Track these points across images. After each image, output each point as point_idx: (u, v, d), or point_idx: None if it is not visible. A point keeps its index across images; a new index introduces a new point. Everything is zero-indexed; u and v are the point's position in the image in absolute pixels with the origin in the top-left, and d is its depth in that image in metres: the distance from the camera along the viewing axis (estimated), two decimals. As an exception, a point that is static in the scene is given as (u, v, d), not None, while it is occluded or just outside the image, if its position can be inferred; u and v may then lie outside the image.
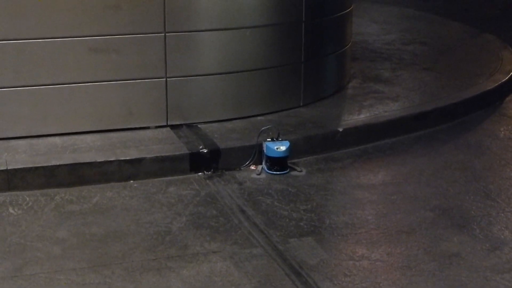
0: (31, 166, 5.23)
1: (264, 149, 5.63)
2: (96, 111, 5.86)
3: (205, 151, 5.58)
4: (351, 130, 6.14)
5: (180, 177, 5.47)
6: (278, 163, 5.59)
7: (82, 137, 5.76)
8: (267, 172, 5.59)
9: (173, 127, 6.02)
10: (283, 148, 5.59)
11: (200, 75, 6.08)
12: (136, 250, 4.44)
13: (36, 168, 5.24)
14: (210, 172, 5.55)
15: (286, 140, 5.67)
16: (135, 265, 4.28)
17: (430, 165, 5.82)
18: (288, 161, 5.65)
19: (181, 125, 6.06)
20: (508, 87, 7.66)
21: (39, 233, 4.63)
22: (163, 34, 5.86)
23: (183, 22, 5.91)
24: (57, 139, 5.72)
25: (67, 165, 5.30)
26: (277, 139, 5.69)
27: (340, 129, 6.11)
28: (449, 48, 8.92)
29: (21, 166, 5.23)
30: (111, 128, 5.90)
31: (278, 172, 5.58)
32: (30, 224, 4.74)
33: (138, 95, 5.93)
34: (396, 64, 8.08)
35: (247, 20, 6.14)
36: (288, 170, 5.62)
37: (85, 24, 5.67)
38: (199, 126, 6.06)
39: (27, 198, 5.10)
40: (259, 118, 6.26)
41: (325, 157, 5.92)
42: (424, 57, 8.43)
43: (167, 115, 6.03)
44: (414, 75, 7.70)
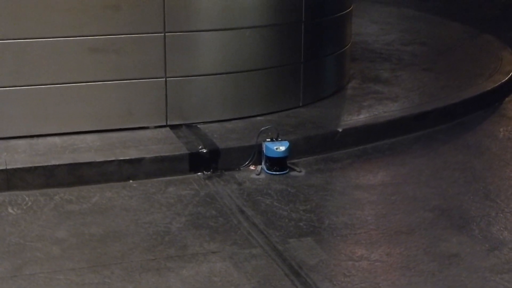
0: (31, 166, 5.23)
1: (264, 149, 5.63)
2: (96, 111, 5.86)
3: (205, 151, 5.58)
4: (351, 131, 6.14)
5: (180, 177, 5.47)
6: (278, 163, 5.59)
7: (82, 137, 5.76)
8: (267, 172, 5.59)
9: (173, 127, 6.02)
10: (283, 148, 5.58)
11: (200, 75, 6.08)
12: (136, 250, 4.44)
13: (36, 168, 5.24)
14: (210, 172, 5.55)
15: (286, 141, 5.67)
16: (135, 265, 4.28)
17: (430, 166, 5.82)
18: (288, 162, 5.65)
19: (181, 125, 6.06)
20: (508, 88, 7.66)
21: (39, 233, 4.62)
22: (163, 34, 5.86)
23: (183, 22, 5.91)
24: (57, 139, 5.72)
25: (67, 165, 5.30)
26: (277, 139, 5.69)
27: (340, 130, 6.11)
28: (449, 49, 8.92)
29: (21, 166, 5.23)
30: (111, 128, 5.90)
31: (278, 173, 5.58)
32: (30, 224, 4.74)
33: (138, 95, 5.93)
34: (396, 65, 8.08)
35: (247, 20, 6.14)
36: (288, 171, 5.62)
37: (85, 24, 5.67)
38: (199, 126, 6.06)
39: (27, 198, 5.09)
40: (259, 118, 6.26)
41: (325, 158, 5.92)
42: (424, 58, 8.43)
43: (167, 115, 6.03)
44: (414, 76, 7.70)
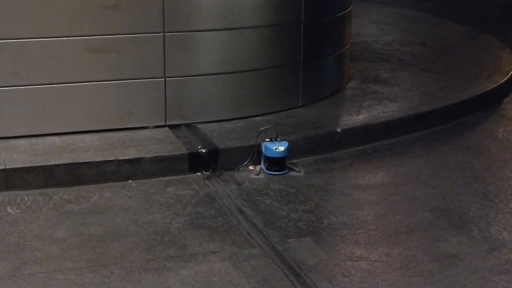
0: (30, 166, 5.23)
1: (263, 150, 5.63)
2: (95, 111, 5.86)
3: (204, 151, 5.58)
4: (350, 131, 6.14)
5: (179, 177, 5.47)
6: (277, 164, 5.59)
7: (81, 137, 5.75)
8: (266, 173, 5.59)
9: (172, 127, 6.01)
10: (282, 149, 5.58)
11: (199, 75, 6.08)
12: (135, 250, 4.44)
13: (35, 168, 5.24)
14: (209, 172, 5.55)
15: (285, 141, 5.67)
16: (134, 265, 4.27)
17: (429, 166, 5.82)
18: (287, 162, 5.65)
19: (180, 125, 6.06)
20: (507, 88, 7.67)
21: (38, 233, 4.62)
22: (162, 34, 5.86)
23: (182, 22, 5.91)
24: (56, 139, 5.72)
25: (66, 165, 5.29)
26: (276, 140, 5.68)
27: (339, 130, 6.10)
28: (448, 49, 8.92)
29: (20, 166, 5.23)
30: (110, 128, 5.90)
31: (277, 173, 5.58)
32: (29, 224, 4.74)
33: (137, 95, 5.93)
34: (395, 65, 8.09)
35: (246, 21, 6.14)
36: (287, 171, 5.62)
37: (84, 24, 5.66)
38: (198, 126, 6.06)
39: (26, 198, 5.09)
40: (258, 119, 6.26)
41: (324, 158, 5.92)
42: (423, 58, 8.43)
43: (166, 115, 6.03)
44: (413, 76, 7.70)
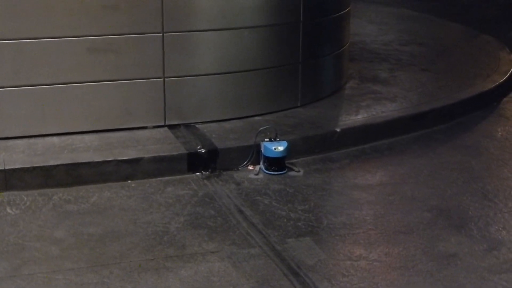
0: (29, 166, 5.23)
1: (262, 149, 5.63)
2: (94, 111, 5.86)
3: (203, 151, 5.58)
4: (349, 131, 6.14)
5: (178, 177, 5.47)
6: (276, 163, 5.59)
7: (80, 137, 5.75)
8: (265, 172, 5.59)
9: (171, 127, 6.02)
10: (281, 148, 5.59)
11: (198, 75, 6.08)
12: (134, 250, 4.44)
13: (34, 168, 5.23)
14: (208, 172, 5.55)
15: (284, 141, 5.67)
16: (133, 265, 4.27)
17: (428, 166, 5.82)
18: (286, 161, 5.65)
19: (179, 125, 6.06)
20: (506, 88, 7.67)
21: (37, 233, 4.62)
22: (161, 34, 5.86)
23: (181, 22, 5.91)
24: (55, 139, 5.72)
25: (65, 165, 5.29)
26: (275, 139, 5.69)
27: (338, 130, 6.11)
28: (447, 49, 8.92)
29: (19, 166, 5.23)
30: (109, 128, 5.89)
31: (276, 172, 5.58)
32: (28, 224, 4.74)
33: (136, 95, 5.93)
34: (394, 65, 8.09)
35: (245, 21, 6.14)
36: (286, 171, 5.62)
37: (84, 24, 5.66)
38: (197, 126, 6.06)
39: (25, 198, 5.09)
40: (257, 118, 6.26)
41: (323, 158, 5.92)
42: (422, 58, 8.44)
43: (165, 115, 6.03)
44: (412, 76, 7.70)
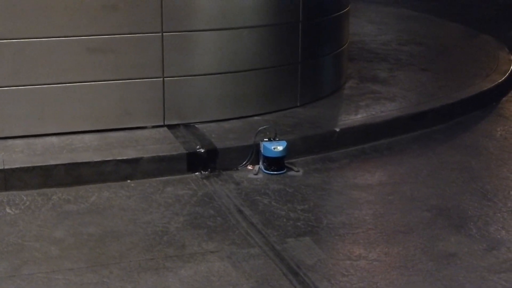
0: (28, 166, 5.23)
1: (261, 149, 5.63)
2: (94, 111, 5.86)
3: (203, 151, 5.58)
4: (348, 130, 6.15)
5: (178, 177, 5.47)
6: (275, 163, 5.59)
7: (79, 137, 5.75)
8: (264, 172, 5.59)
9: (170, 127, 6.01)
10: (280, 148, 5.59)
11: (197, 75, 6.08)
12: (134, 250, 4.44)
13: (33, 168, 5.23)
14: (208, 172, 5.55)
15: (283, 140, 5.67)
16: (133, 265, 4.27)
17: (427, 165, 5.82)
18: (285, 161, 5.65)
19: (178, 125, 6.05)
20: (505, 88, 7.68)
21: (37, 233, 4.62)
22: (161, 34, 5.86)
23: (181, 22, 5.91)
24: (54, 139, 5.72)
25: (64, 165, 5.29)
26: (274, 139, 5.69)
27: (337, 129, 6.11)
28: (446, 49, 8.92)
29: (18, 166, 5.22)
30: (108, 128, 5.89)
31: (275, 172, 5.58)
32: (28, 224, 4.74)
33: (135, 95, 5.93)
34: (393, 65, 8.09)
35: (245, 20, 6.14)
36: (285, 170, 5.62)
37: (83, 24, 5.66)
38: (197, 126, 6.06)
39: (24, 198, 5.09)
40: (256, 118, 6.26)
41: (322, 157, 5.92)
42: (421, 58, 8.44)
43: (164, 115, 6.03)
44: (411, 76, 7.70)
